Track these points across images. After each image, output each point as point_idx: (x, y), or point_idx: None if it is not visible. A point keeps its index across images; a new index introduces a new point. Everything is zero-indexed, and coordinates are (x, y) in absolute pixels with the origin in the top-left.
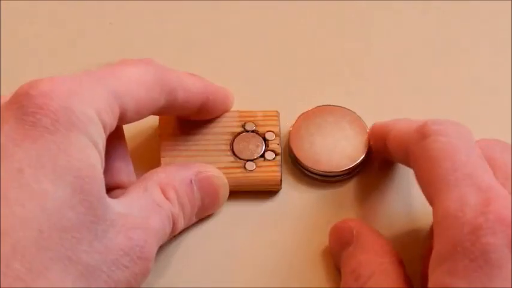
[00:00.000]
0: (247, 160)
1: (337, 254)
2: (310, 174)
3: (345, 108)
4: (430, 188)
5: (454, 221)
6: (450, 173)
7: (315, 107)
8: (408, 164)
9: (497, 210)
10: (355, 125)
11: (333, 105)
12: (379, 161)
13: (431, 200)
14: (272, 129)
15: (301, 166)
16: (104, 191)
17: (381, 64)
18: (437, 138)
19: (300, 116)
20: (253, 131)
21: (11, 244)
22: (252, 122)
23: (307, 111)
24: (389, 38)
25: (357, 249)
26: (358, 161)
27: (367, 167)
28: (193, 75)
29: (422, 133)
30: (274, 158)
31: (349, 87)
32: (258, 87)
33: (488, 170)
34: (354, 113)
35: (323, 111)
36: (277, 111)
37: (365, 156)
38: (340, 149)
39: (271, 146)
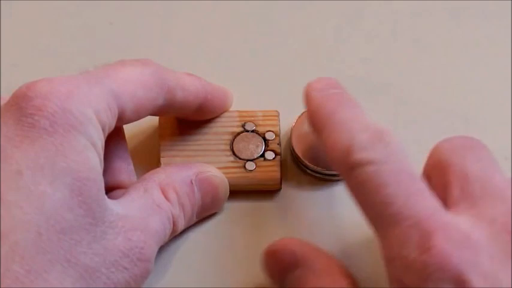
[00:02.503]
0: (247, 160)
1: (278, 278)
2: (311, 172)
3: None
4: (370, 222)
5: (399, 263)
6: (383, 210)
7: None
8: None
9: (439, 245)
10: None
11: None
12: None
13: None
14: (272, 129)
15: (302, 164)
16: (103, 192)
17: (381, 64)
18: (363, 170)
19: (302, 114)
20: (253, 131)
21: (10, 246)
22: (252, 121)
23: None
24: (389, 38)
25: (308, 273)
26: None
27: None
28: (192, 75)
29: (348, 164)
30: (274, 158)
31: (350, 88)
32: (258, 87)
33: (423, 191)
34: None
35: None
36: (277, 111)
37: None
38: None
39: (271, 145)
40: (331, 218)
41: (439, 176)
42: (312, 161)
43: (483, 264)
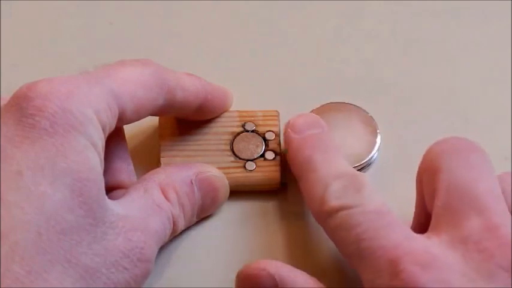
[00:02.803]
0: (247, 160)
1: None
2: None
3: (357, 106)
4: (348, 262)
5: None
6: (356, 247)
7: (326, 104)
8: None
9: (407, 268)
10: (366, 124)
11: (346, 103)
12: None
13: None
14: (272, 129)
15: None
16: (104, 192)
17: (381, 64)
18: (337, 216)
19: (311, 112)
20: (253, 131)
21: (10, 246)
22: (252, 121)
23: (318, 108)
24: (389, 38)
25: None
26: (365, 160)
27: (374, 167)
28: (192, 75)
29: (323, 213)
30: (274, 158)
31: (350, 88)
32: (258, 87)
33: (392, 224)
34: (366, 111)
35: (334, 108)
36: (277, 111)
37: (372, 156)
38: (348, 147)
39: (271, 145)
40: None
41: (429, 180)
42: None
43: (453, 283)
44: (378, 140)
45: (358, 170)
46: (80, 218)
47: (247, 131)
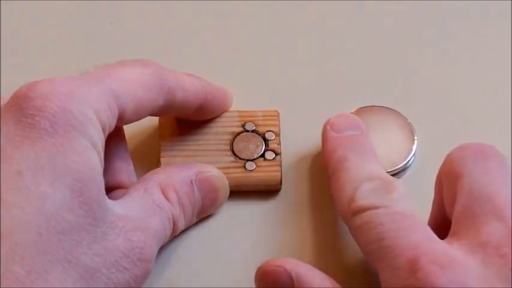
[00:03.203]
0: (247, 160)
1: None
2: None
3: (394, 110)
4: (369, 261)
5: None
6: (377, 245)
7: (369, 106)
8: None
9: (424, 267)
10: (405, 129)
11: (383, 107)
12: None
13: None
14: (272, 129)
15: None
16: (104, 192)
17: (381, 64)
18: (363, 215)
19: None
20: (253, 131)
21: (10, 246)
22: (252, 121)
23: (359, 109)
24: (389, 38)
25: None
26: (400, 165)
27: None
28: (192, 75)
29: (350, 212)
30: (274, 158)
31: (350, 88)
32: (258, 87)
33: (415, 226)
34: (404, 116)
35: (371, 110)
36: (277, 111)
37: (408, 161)
38: (384, 151)
39: (271, 145)
40: (331, 218)
41: (449, 184)
42: None
43: (472, 286)
44: (415, 146)
45: (392, 175)
46: (80, 218)
47: (247, 131)
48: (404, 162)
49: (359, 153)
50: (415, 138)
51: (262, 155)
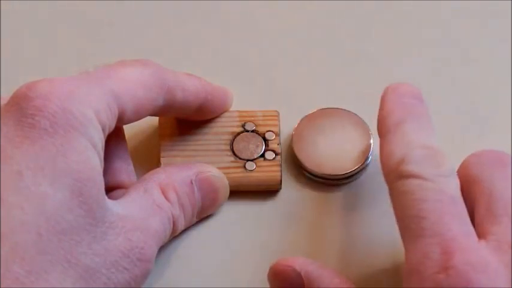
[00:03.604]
0: (247, 160)
1: None
2: (313, 177)
3: (347, 110)
4: (401, 233)
5: (416, 277)
6: (415, 222)
7: (317, 110)
8: None
9: (458, 266)
10: (358, 127)
11: (336, 108)
12: None
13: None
14: (272, 129)
15: (305, 169)
16: (103, 192)
17: (382, 64)
18: (409, 182)
19: (302, 119)
20: (253, 131)
21: (11, 247)
22: (252, 121)
23: (309, 114)
24: (390, 39)
25: None
26: (362, 163)
27: (370, 170)
28: (192, 75)
29: (397, 173)
30: (274, 158)
31: (350, 88)
32: (258, 87)
33: (459, 215)
34: (357, 115)
35: (325, 113)
36: (277, 111)
37: (369, 157)
38: (344, 151)
39: (271, 145)
40: (331, 218)
41: (467, 189)
42: (314, 165)
43: None
44: (371, 141)
45: (357, 172)
46: (80, 218)
47: (247, 131)
48: (366, 158)
49: (417, 120)
50: (371, 133)
51: (262, 155)
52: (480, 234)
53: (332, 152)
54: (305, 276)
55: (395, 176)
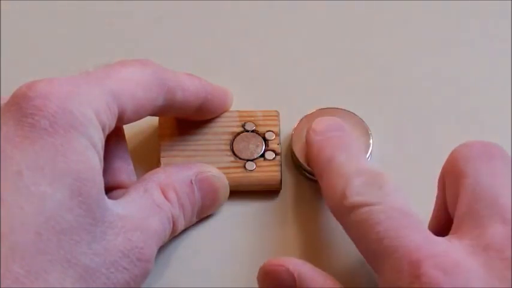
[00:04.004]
0: (247, 160)
1: None
2: (313, 178)
3: (346, 110)
4: (368, 262)
5: None
6: (377, 245)
7: (316, 110)
8: None
9: (428, 272)
10: (357, 127)
11: (334, 108)
12: None
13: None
14: (272, 129)
15: (305, 170)
16: (103, 192)
17: (381, 65)
18: (358, 212)
19: (301, 119)
20: (253, 131)
21: (10, 247)
22: (252, 121)
23: (308, 114)
24: (390, 39)
25: None
26: None
27: None
28: (192, 75)
29: (343, 208)
30: (274, 158)
31: (350, 87)
32: (258, 87)
33: (415, 225)
34: (356, 115)
35: (325, 113)
36: (277, 111)
37: (368, 157)
38: None
39: (271, 145)
40: (331, 218)
41: (452, 183)
42: None
43: None
44: (371, 141)
45: None
46: (80, 218)
47: (247, 131)
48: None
49: (345, 151)
50: (370, 133)
51: (262, 155)
52: (456, 231)
53: None
54: (298, 277)
55: (343, 211)
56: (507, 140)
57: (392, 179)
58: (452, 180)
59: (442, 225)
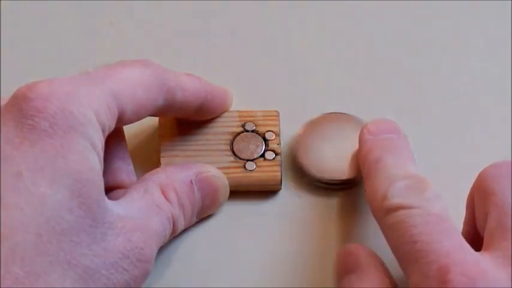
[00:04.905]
0: (247, 160)
1: (338, 278)
2: (317, 183)
3: (350, 115)
4: (399, 263)
5: None
6: (409, 248)
7: (321, 115)
8: None
9: (456, 279)
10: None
11: (339, 113)
12: None
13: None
14: (272, 129)
15: (309, 175)
16: (103, 193)
17: (382, 66)
18: (396, 214)
19: (305, 124)
20: (253, 131)
21: (10, 248)
22: (252, 121)
23: (313, 119)
24: (393, 41)
25: (356, 280)
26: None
27: None
28: (192, 75)
29: (383, 209)
30: (274, 158)
31: (350, 88)
32: (258, 87)
33: (449, 231)
34: (360, 119)
35: (329, 118)
36: (277, 111)
37: None
38: (348, 156)
39: (271, 145)
40: (331, 218)
41: (481, 201)
42: (318, 172)
43: None
44: None
45: (361, 177)
46: (80, 219)
47: (247, 131)
48: None
49: (394, 154)
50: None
51: (262, 155)
52: (487, 247)
53: (336, 157)
54: (361, 263)
55: (383, 212)
56: (507, 140)
57: (433, 185)
58: (481, 198)
59: (472, 243)
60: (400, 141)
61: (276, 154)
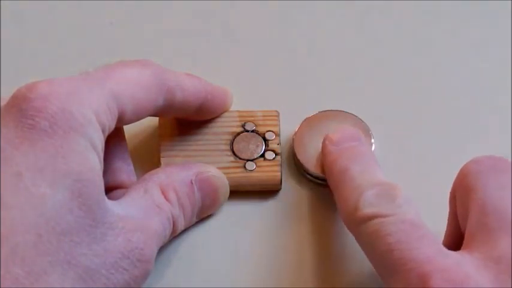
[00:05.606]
0: (247, 160)
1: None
2: (315, 180)
3: (347, 112)
4: (378, 273)
5: None
6: (387, 257)
7: (318, 112)
8: None
9: (437, 285)
10: (358, 128)
11: (336, 110)
12: None
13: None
14: (272, 129)
15: (307, 172)
16: (103, 193)
17: (381, 66)
18: (370, 223)
19: (303, 121)
20: (253, 131)
21: (11, 248)
22: (252, 121)
23: (310, 116)
24: (391, 40)
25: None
26: None
27: None
28: (192, 75)
29: (356, 219)
30: (274, 158)
31: (350, 88)
32: (258, 87)
33: (425, 236)
34: (356, 116)
35: (326, 115)
36: (277, 111)
37: None
38: None
39: (271, 145)
40: (331, 218)
41: (463, 198)
42: (316, 168)
43: None
44: (373, 142)
45: None
46: (80, 219)
47: (247, 131)
48: None
49: (359, 162)
50: (371, 134)
51: (262, 155)
52: (467, 245)
53: None
54: None
55: (356, 222)
56: (507, 140)
57: (404, 191)
58: (462, 196)
59: (457, 242)
60: (363, 147)
61: (276, 154)
